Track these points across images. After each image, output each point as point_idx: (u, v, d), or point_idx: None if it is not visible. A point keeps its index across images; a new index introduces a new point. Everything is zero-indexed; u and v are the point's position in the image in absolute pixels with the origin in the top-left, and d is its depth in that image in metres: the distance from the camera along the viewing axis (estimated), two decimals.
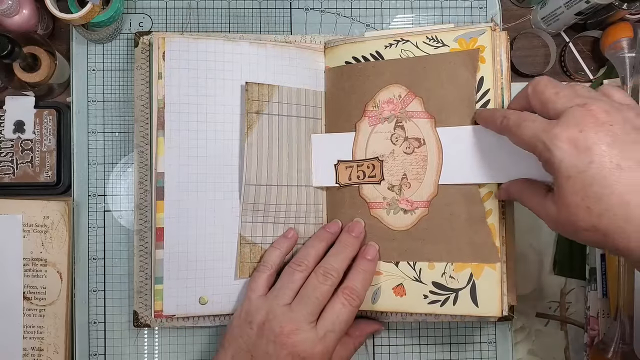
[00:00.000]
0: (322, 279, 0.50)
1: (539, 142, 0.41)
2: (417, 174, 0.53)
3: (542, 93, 0.43)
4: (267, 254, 0.54)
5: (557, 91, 0.42)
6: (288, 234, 0.55)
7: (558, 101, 0.42)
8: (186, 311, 0.53)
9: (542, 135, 0.40)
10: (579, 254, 0.60)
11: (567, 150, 0.39)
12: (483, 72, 0.52)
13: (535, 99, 0.43)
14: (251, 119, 0.54)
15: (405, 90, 0.53)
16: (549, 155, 0.40)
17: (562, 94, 0.42)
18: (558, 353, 0.60)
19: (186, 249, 0.53)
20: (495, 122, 0.46)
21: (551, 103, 0.42)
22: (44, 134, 0.57)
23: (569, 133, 0.39)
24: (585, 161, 0.38)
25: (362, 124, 0.54)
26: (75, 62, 0.58)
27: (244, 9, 0.60)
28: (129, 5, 0.59)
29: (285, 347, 0.48)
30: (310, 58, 0.57)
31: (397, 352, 0.59)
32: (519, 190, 0.48)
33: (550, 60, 0.62)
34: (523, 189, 0.47)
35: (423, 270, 0.53)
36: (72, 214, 0.57)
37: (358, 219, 0.55)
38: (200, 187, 0.53)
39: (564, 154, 0.39)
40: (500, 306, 0.51)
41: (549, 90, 0.43)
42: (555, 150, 0.39)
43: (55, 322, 0.56)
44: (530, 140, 0.42)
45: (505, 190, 0.50)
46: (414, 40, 0.54)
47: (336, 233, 0.54)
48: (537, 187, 0.46)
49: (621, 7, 0.56)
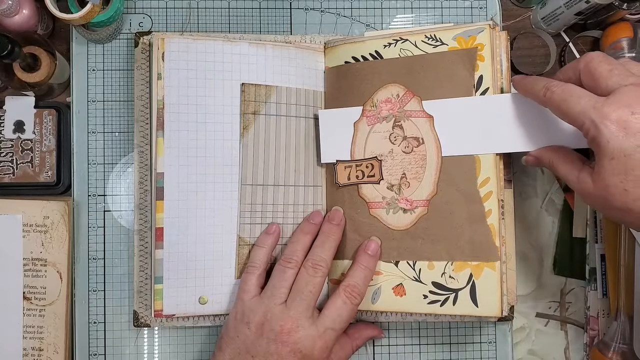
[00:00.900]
0: (312, 272, 0.50)
1: (587, 120, 0.40)
2: (417, 173, 0.53)
3: (595, 69, 0.42)
4: (253, 254, 0.54)
5: (610, 68, 0.42)
6: (270, 229, 0.54)
7: (611, 78, 0.41)
8: (186, 311, 0.53)
9: (591, 112, 0.40)
10: (579, 254, 0.60)
11: (615, 132, 0.39)
12: (482, 71, 0.52)
13: (587, 73, 0.43)
14: (247, 120, 0.54)
15: (404, 89, 0.53)
16: (596, 133, 0.40)
17: (617, 71, 0.41)
18: (558, 353, 0.60)
19: (186, 248, 0.53)
20: (537, 92, 0.45)
21: (603, 79, 0.41)
22: (44, 134, 0.57)
23: (620, 113, 0.39)
24: (633, 145, 0.38)
25: (361, 123, 0.54)
26: (75, 62, 0.58)
27: (244, 9, 0.60)
28: (129, 5, 0.59)
29: (287, 345, 0.48)
30: (310, 58, 0.57)
31: (397, 352, 0.59)
32: (552, 157, 0.47)
33: (550, 60, 0.62)
34: (557, 157, 0.46)
35: (423, 270, 0.53)
36: (72, 214, 0.57)
37: (337, 207, 0.55)
38: (199, 187, 0.54)
39: (612, 134, 0.39)
40: (500, 306, 0.51)
41: (603, 66, 0.42)
42: (604, 129, 0.39)
43: (55, 322, 0.56)
44: (577, 117, 0.41)
45: (537, 156, 0.49)
46: (412, 39, 0.54)
47: (320, 223, 0.54)
48: (572, 156, 0.45)
49: (621, 7, 0.55)
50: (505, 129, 0.50)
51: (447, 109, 0.52)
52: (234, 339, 0.50)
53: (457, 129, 0.52)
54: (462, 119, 0.52)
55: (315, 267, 0.50)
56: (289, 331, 0.48)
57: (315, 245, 0.53)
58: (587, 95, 0.41)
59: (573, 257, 0.60)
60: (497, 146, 0.51)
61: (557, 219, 0.61)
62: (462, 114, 0.52)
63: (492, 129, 0.51)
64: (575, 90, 0.42)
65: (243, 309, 0.50)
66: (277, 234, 0.54)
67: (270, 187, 0.55)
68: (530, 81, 0.47)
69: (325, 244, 0.52)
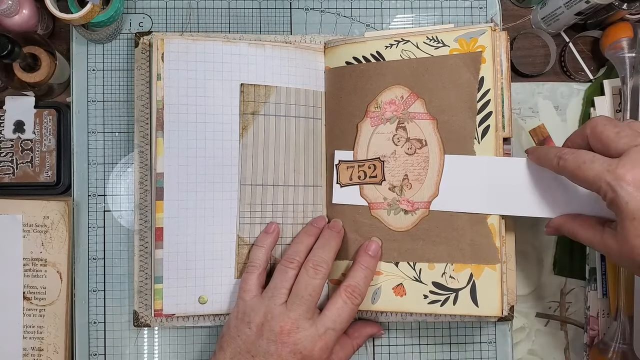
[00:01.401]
0: (312, 274, 0.50)
1: (603, 183, 0.41)
2: (419, 175, 0.53)
3: (601, 133, 0.43)
4: (252, 253, 0.54)
5: (617, 130, 0.43)
6: (269, 229, 0.55)
7: (620, 141, 0.42)
8: (186, 310, 0.53)
9: (606, 175, 0.41)
10: (579, 254, 0.60)
11: (632, 192, 0.40)
12: (483, 72, 0.52)
13: (595, 139, 0.44)
14: (246, 120, 0.54)
15: (408, 91, 0.53)
16: (613, 195, 0.40)
17: (624, 133, 0.42)
18: (558, 353, 0.61)
19: (186, 248, 0.53)
20: (551, 161, 0.46)
21: (613, 143, 0.43)
22: (44, 134, 0.57)
23: (634, 174, 0.40)
24: None
25: (364, 124, 0.54)
26: (75, 62, 0.58)
27: (244, 9, 0.60)
28: (129, 5, 0.59)
29: (287, 346, 0.48)
30: (310, 58, 0.57)
31: (397, 352, 0.59)
32: (571, 226, 0.48)
33: (550, 60, 0.62)
34: (576, 224, 0.47)
35: (423, 270, 0.53)
36: (72, 214, 0.57)
37: (336, 219, 0.55)
38: (199, 188, 0.54)
39: (630, 195, 0.40)
40: (501, 306, 0.51)
41: (610, 129, 0.43)
42: (621, 191, 0.40)
43: (55, 322, 0.56)
44: (593, 181, 0.42)
45: (556, 227, 0.50)
46: (414, 41, 0.54)
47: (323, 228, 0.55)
48: (591, 221, 0.46)
49: (621, 7, 0.56)
50: (520, 193, 0.51)
51: (456, 164, 0.52)
52: (234, 338, 0.50)
53: (464, 187, 0.52)
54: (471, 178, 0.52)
55: (316, 267, 0.50)
56: (289, 332, 0.48)
57: (316, 246, 0.53)
58: (600, 159, 0.42)
59: (573, 257, 0.60)
60: (512, 209, 0.51)
61: None
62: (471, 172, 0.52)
63: (506, 192, 0.51)
64: (588, 155, 0.43)
65: (244, 309, 0.50)
66: (276, 234, 0.54)
67: (269, 187, 0.55)
68: (542, 152, 0.48)
69: (326, 247, 0.52)
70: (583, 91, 0.62)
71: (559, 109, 0.61)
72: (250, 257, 0.54)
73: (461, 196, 0.52)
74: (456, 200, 0.52)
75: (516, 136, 0.61)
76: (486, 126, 0.52)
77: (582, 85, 0.62)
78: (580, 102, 0.61)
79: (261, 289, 0.52)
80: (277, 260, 0.55)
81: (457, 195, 0.52)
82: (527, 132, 0.60)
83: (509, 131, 0.54)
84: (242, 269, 0.54)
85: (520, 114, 0.61)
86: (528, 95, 0.61)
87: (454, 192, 0.52)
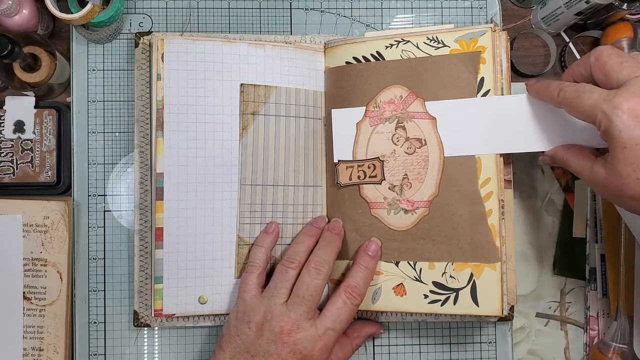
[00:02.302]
0: (314, 274, 0.50)
1: (599, 112, 0.41)
2: (418, 174, 0.53)
3: (605, 62, 0.43)
4: (252, 253, 0.54)
5: (621, 61, 0.42)
6: (269, 229, 0.55)
7: (622, 71, 0.42)
8: (186, 310, 0.53)
9: (602, 104, 0.41)
10: (579, 254, 0.60)
11: (626, 121, 0.39)
12: (483, 73, 0.52)
13: (598, 67, 0.44)
14: (246, 120, 0.54)
15: (407, 91, 0.53)
16: (608, 124, 0.40)
17: (627, 63, 0.42)
18: (558, 353, 0.60)
19: (186, 248, 0.53)
20: (552, 94, 0.46)
21: (614, 72, 0.42)
22: (44, 134, 0.57)
23: (631, 103, 0.40)
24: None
25: (363, 124, 0.54)
26: (75, 62, 0.58)
27: (244, 9, 0.60)
28: (129, 5, 0.59)
29: (287, 346, 0.48)
30: (310, 58, 0.57)
31: (397, 352, 0.59)
32: (565, 154, 0.48)
33: (550, 60, 0.62)
34: (570, 152, 0.47)
35: (423, 270, 0.53)
36: (72, 214, 0.57)
37: (336, 218, 0.55)
38: (199, 188, 0.54)
39: (624, 124, 0.39)
40: (501, 306, 0.51)
41: (613, 59, 0.43)
42: (615, 119, 0.40)
43: (55, 322, 0.56)
44: (590, 110, 0.42)
45: (551, 156, 0.50)
46: (414, 41, 0.54)
47: (323, 228, 0.55)
48: (584, 151, 0.46)
49: (621, 7, 0.56)
50: (518, 130, 0.51)
51: (453, 110, 0.52)
52: (234, 338, 0.50)
53: (462, 130, 0.52)
54: (469, 120, 0.52)
55: (318, 268, 0.50)
56: (289, 332, 0.48)
57: (317, 247, 0.53)
58: (599, 90, 0.42)
59: (573, 257, 0.60)
60: (510, 146, 0.51)
61: (557, 219, 0.61)
62: (470, 115, 0.52)
63: (504, 130, 0.51)
64: (587, 86, 0.43)
65: (244, 309, 0.50)
66: (276, 233, 0.54)
67: (269, 187, 0.55)
68: (543, 84, 0.48)
69: (327, 247, 0.52)
70: None
71: None
72: (250, 256, 0.54)
73: (461, 140, 0.52)
74: (456, 145, 0.52)
75: None
76: None
77: None
78: None
79: (261, 288, 0.52)
80: (277, 260, 0.55)
81: (457, 139, 0.52)
82: None
83: None
84: (242, 269, 0.54)
85: None
86: None
87: (453, 137, 0.52)
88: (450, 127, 0.52)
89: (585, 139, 0.48)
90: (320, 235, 0.54)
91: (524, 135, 0.51)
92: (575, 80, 0.47)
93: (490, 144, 0.52)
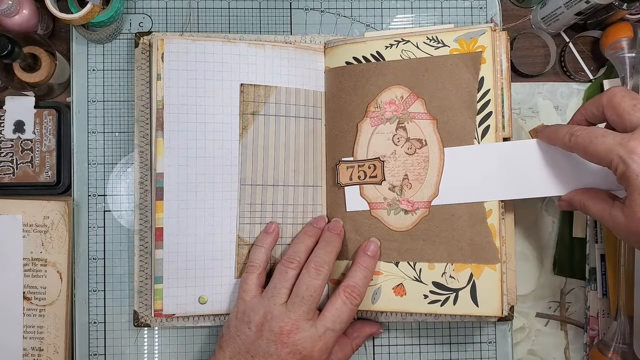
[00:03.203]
0: (314, 274, 0.50)
1: (615, 156, 0.41)
2: (419, 175, 0.53)
3: (618, 104, 0.43)
4: (252, 253, 0.54)
5: (634, 103, 0.42)
6: (269, 229, 0.55)
7: (635, 113, 0.42)
8: (186, 310, 0.53)
9: (617, 149, 0.41)
10: (579, 254, 0.60)
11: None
12: (483, 73, 0.52)
13: (611, 109, 0.44)
14: (246, 120, 0.54)
15: (408, 91, 0.53)
16: (624, 168, 0.40)
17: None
18: (558, 353, 0.61)
19: (185, 248, 0.53)
20: (562, 139, 0.46)
21: (627, 114, 0.42)
22: (44, 134, 0.57)
23: None
24: None
25: (364, 124, 0.54)
26: (75, 62, 0.58)
27: (244, 9, 0.60)
28: (129, 5, 0.59)
29: (287, 346, 0.48)
30: (310, 58, 0.57)
31: (397, 352, 0.59)
32: (582, 198, 0.48)
33: (550, 60, 0.62)
34: (587, 197, 0.47)
35: (423, 270, 0.53)
36: (72, 214, 0.57)
37: (336, 218, 0.55)
38: (199, 188, 0.54)
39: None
40: (501, 306, 0.51)
41: (627, 101, 0.43)
42: (632, 163, 0.40)
43: (55, 322, 0.56)
44: (604, 155, 0.42)
45: (568, 200, 0.49)
46: (414, 41, 0.54)
47: (323, 228, 0.55)
48: (601, 195, 0.46)
49: (621, 7, 0.56)
50: (530, 174, 0.51)
51: (463, 154, 0.52)
52: (234, 338, 0.50)
53: (470, 177, 0.52)
54: (479, 167, 0.52)
55: (318, 268, 0.50)
56: (289, 332, 0.48)
57: (317, 247, 0.53)
58: (612, 134, 0.42)
59: (573, 257, 0.60)
60: (523, 192, 0.51)
61: (557, 219, 0.61)
62: (480, 161, 0.52)
63: (516, 175, 0.51)
64: (599, 130, 0.43)
65: (244, 309, 0.50)
66: (276, 233, 0.54)
67: (269, 187, 0.55)
68: (552, 129, 0.48)
69: (327, 248, 0.52)
70: (583, 91, 0.62)
71: (559, 109, 0.61)
72: (250, 257, 0.54)
73: (468, 187, 0.52)
74: (463, 191, 0.52)
75: (516, 136, 0.61)
76: (486, 126, 0.52)
77: (582, 85, 0.62)
78: (580, 102, 0.61)
79: (261, 289, 0.52)
80: (277, 260, 0.55)
81: (464, 186, 0.52)
82: (527, 132, 0.60)
83: (509, 131, 0.54)
84: (242, 269, 0.54)
85: (520, 114, 0.61)
86: (528, 95, 0.61)
87: (460, 184, 0.52)
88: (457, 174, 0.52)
89: (599, 181, 0.48)
90: (320, 235, 0.54)
91: (537, 180, 0.50)
92: (587, 119, 0.47)
93: (503, 190, 0.51)
